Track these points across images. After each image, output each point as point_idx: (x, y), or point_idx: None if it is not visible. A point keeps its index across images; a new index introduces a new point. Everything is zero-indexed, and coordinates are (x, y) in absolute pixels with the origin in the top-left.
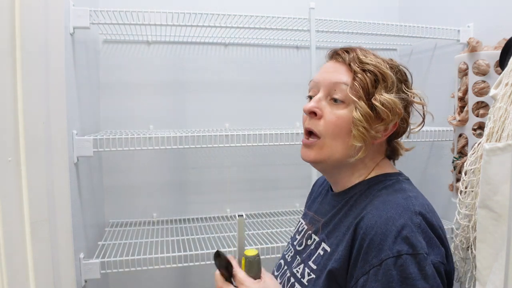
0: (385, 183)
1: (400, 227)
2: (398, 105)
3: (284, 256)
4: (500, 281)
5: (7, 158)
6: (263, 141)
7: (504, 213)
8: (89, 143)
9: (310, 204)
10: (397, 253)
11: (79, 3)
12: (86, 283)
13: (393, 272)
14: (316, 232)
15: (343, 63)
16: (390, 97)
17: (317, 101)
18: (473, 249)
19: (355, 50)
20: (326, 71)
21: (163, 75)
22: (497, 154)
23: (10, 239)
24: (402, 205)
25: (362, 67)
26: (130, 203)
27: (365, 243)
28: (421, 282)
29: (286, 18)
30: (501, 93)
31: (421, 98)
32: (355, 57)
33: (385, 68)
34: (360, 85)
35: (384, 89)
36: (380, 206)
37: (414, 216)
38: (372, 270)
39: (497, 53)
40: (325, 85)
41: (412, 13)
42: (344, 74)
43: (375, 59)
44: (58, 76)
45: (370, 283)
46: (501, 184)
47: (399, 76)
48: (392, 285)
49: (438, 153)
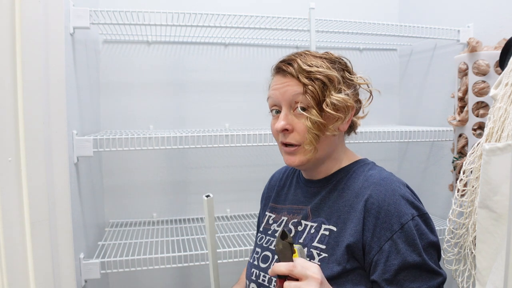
0: (367, 167)
1: (405, 196)
2: (348, 100)
3: (267, 248)
4: (500, 281)
5: (7, 158)
6: (263, 141)
7: (504, 213)
8: (89, 143)
9: (276, 197)
10: (412, 216)
11: (79, 3)
12: (86, 283)
13: (414, 231)
14: (306, 218)
15: (292, 76)
16: (340, 96)
17: (284, 118)
18: (473, 249)
19: (296, 60)
20: (279, 87)
21: (163, 75)
22: (497, 154)
23: (10, 239)
24: (395, 180)
25: (309, 76)
26: (130, 203)
27: (382, 214)
28: (431, 235)
29: (286, 18)
30: (501, 93)
31: (364, 79)
32: (299, 68)
33: (327, 69)
34: (310, 96)
35: (333, 90)
36: (381, 182)
37: (405, 187)
38: (395, 235)
39: (497, 53)
40: (285, 100)
41: (412, 13)
42: (297, 86)
43: (316, 62)
44: (58, 76)
45: (397, 245)
46: (501, 184)
47: (338, 65)
48: (416, 241)
49: (438, 153)
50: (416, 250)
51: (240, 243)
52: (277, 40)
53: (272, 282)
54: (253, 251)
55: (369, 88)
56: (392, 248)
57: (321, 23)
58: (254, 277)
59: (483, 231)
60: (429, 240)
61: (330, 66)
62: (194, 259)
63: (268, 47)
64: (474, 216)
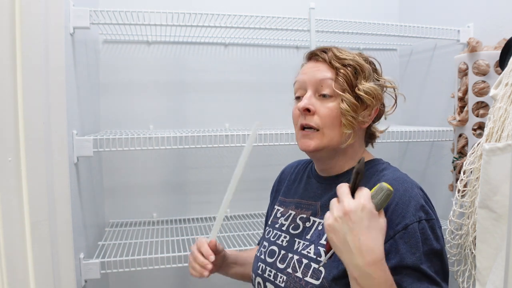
0: (382, 166)
1: (416, 198)
2: (378, 90)
3: (274, 242)
4: (500, 281)
5: (7, 158)
6: (263, 141)
7: (504, 213)
8: (89, 143)
9: (286, 191)
10: (418, 219)
11: (79, 3)
12: (86, 283)
13: (418, 234)
14: (315, 214)
15: (323, 62)
16: (371, 85)
17: (308, 98)
18: (473, 249)
19: (331, 49)
20: (310, 71)
21: (163, 75)
22: (497, 154)
23: (10, 239)
24: (408, 181)
25: (342, 62)
26: (130, 203)
27: (387, 213)
28: (435, 243)
29: (286, 18)
30: (501, 93)
31: (391, 83)
32: (333, 56)
33: (361, 60)
34: (343, 79)
35: (364, 79)
36: (393, 182)
37: (418, 189)
38: (397, 235)
39: (497, 53)
40: (312, 83)
41: (412, 13)
42: (327, 71)
43: (349, 54)
44: (58, 76)
45: (397, 245)
46: (501, 184)
47: (369, 64)
48: (419, 245)
49: (438, 153)
50: (417, 252)
51: (240, 243)
52: (277, 40)
53: (278, 278)
54: (260, 244)
55: (395, 92)
56: (392, 248)
57: (321, 23)
58: (260, 271)
59: (483, 231)
60: (432, 247)
61: (363, 60)
62: None
63: (268, 47)
64: (474, 217)
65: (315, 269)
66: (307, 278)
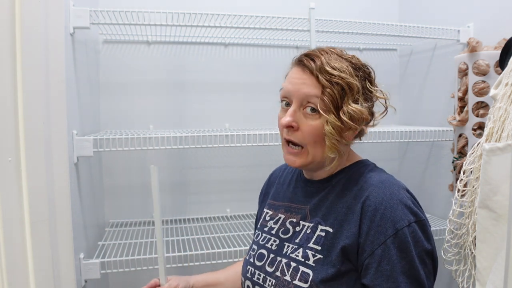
0: (368, 168)
1: (403, 200)
2: (364, 112)
3: (263, 245)
4: (500, 281)
5: (7, 158)
6: (263, 141)
7: (504, 213)
8: (89, 143)
9: (275, 194)
10: (408, 222)
11: (79, 3)
12: (86, 283)
13: (408, 239)
14: (304, 218)
15: (310, 74)
16: (357, 107)
17: (292, 115)
18: (473, 249)
19: (320, 57)
20: (296, 82)
21: (163, 75)
22: (497, 154)
23: (10, 239)
24: (394, 183)
25: (330, 79)
26: (130, 203)
27: (377, 218)
28: (426, 243)
29: (286, 18)
30: (501, 93)
31: (383, 93)
32: (322, 68)
33: (350, 76)
34: (329, 99)
35: (351, 99)
36: (380, 185)
37: (404, 191)
38: (388, 239)
39: (497, 53)
40: (296, 97)
41: (412, 13)
42: (313, 87)
43: (340, 65)
44: (58, 76)
45: (390, 251)
46: (501, 184)
47: (362, 74)
48: (410, 248)
49: (438, 153)
50: (407, 257)
51: (240, 243)
52: (277, 40)
53: (267, 282)
54: (250, 247)
55: (386, 104)
56: (384, 253)
57: (321, 23)
58: (250, 274)
59: (483, 231)
60: (424, 248)
61: (353, 72)
62: (194, 259)
63: (268, 47)
64: (474, 216)
65: (303, 272)
66: (295, 281)
